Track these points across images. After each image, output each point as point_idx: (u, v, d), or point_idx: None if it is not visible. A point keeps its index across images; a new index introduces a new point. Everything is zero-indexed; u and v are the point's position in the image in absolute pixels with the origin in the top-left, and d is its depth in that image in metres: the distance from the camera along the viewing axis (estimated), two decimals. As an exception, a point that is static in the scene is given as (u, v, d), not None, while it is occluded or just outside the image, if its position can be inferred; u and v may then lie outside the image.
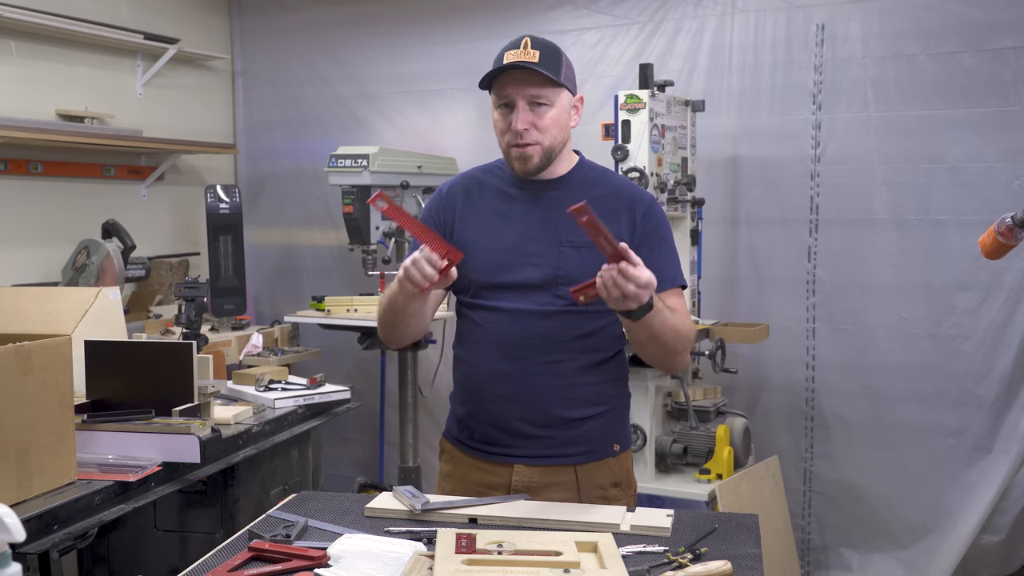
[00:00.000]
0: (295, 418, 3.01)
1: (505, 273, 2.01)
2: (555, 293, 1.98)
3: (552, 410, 2.01)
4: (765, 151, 3.92)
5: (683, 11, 4.04)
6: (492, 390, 2.03)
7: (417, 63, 4.54)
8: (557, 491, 2.01)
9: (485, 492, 2.04)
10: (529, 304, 1.99)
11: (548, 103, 1.95)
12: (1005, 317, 3.59)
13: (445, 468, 2.17)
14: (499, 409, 2.03)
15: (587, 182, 2.05)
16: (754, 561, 1.63)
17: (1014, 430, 3.60)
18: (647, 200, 2.06)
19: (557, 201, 1.99)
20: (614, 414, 2.09)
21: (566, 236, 1.98)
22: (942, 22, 3.62)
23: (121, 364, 2.47)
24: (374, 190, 4.08)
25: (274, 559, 1.62)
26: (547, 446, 2.02)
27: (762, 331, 3.65)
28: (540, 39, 1.95)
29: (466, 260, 1.94)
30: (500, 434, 2.04)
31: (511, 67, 1.92)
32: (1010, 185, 3.55)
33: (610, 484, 2.06)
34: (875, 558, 3.84)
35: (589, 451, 2.04)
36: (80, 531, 2.10)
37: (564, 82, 1.96)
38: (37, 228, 3.83)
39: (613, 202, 2.02)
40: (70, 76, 3.97)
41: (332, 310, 4.06)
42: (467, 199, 2.09)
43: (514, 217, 2.04)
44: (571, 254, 1.98)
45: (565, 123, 2.00)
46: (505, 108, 1.97)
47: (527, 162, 1.98)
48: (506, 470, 2.04)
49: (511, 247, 2.01)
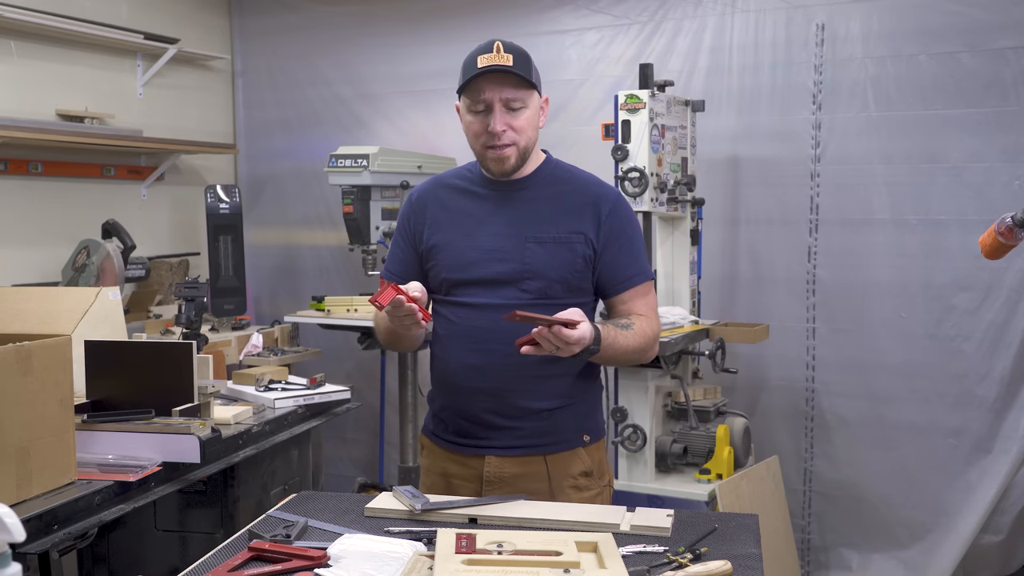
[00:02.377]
0: (295, 418, 3.01)
1: (473, 269, 2.07)
2: (521, 288, 2.04)
3: (520, 401, 2.06)
4: (765, 151, 3.92)
5: (683, 11, 4.04)
6: (463, 383, 2.09)
7: (417, 63, 4.54)
8: (528, 481, 2.07)
9: (461, 484, 2.11)
10: (497, 299, 2.04)
11: (523, 105, 2.01)
12: (1005, 317, 3.60)
13: (425, 463, 2.25)
14: (470, 402, 2.09)
15: (553, 179, 2.12)
16: (754, 561, 1.63)
17: (1014, 430, 3.60)
18: (612, 197, 2.12)
19: (524, 200, 2.08)
20: (583, 405, 2.15)
21: (532, 232, 2.05)
22: (942, 22, 3.62)
23: (121, 364, 2.47)
24: (374, 190, 4.08)
25: (274, 559, 1.62)
26: (517, 437, 2.07)
27: (762, 331, 3.65)
28: (509, 43, 2.01)
29: (437, 259, 2.08)
30: (471, 426, 2.10)
31: (489, 70, 1.96)
32: (1010, 185, 3.55)
33: (580, 473, 2.11)
34: (875, 558, 3.84)
35: (558, 441, 2.10)
36: (80, 531, 2.10)
37: (535, 84, 2.03)
38: (37, 228, 3.83)
39: (579, 198, 2.09)
40: (70, 76, 3.97)
41: (332, 310, 4.06)
42: (436, 202, 2.15)
43: (483, 216, 2.10)
44: (536, 249, 2.04)
45: (536, 124, 2.07)
46: (479, 112, 2.02)
47: (504, 163, 2.04)
48: (478, 462, 2.10)
49: (479, 245, 2.07)
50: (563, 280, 2.05)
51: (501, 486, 2.07)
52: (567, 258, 2.04)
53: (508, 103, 2.00)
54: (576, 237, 2.05)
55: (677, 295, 3.67)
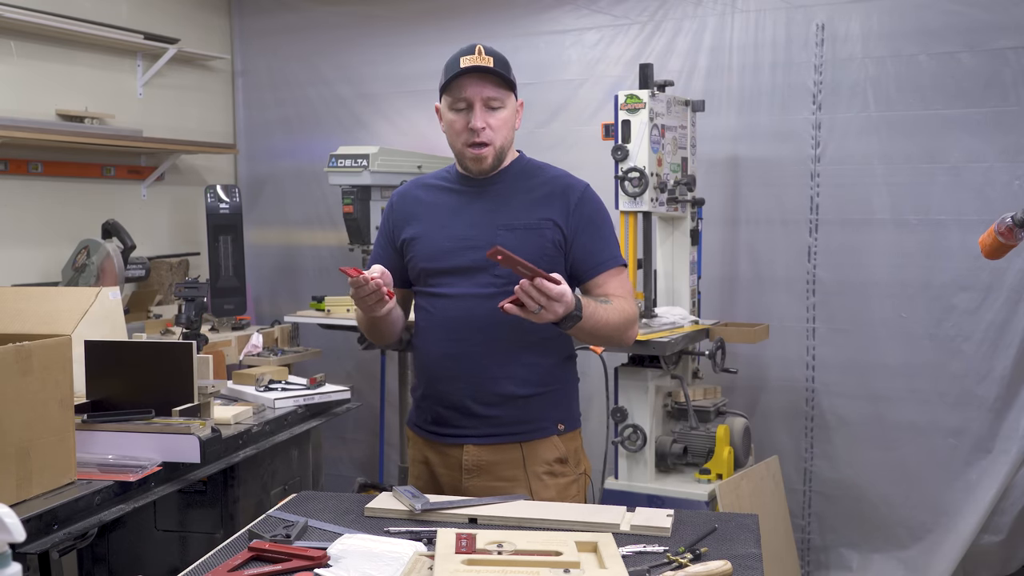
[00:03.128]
0: (295, 418, 3.01)
1: (447, 258, 2.16)
2: (493, 273, 2.11)
3: (497, 388, 2.13)
4: (765, 151, 3.92)
5: (683, 11, 4.05)
6: (441, 372, 2.17)
7: (417, 63, 4.54)
8: (504, 468, 2.15)
9: (442, 473, 2.20)
10: (471, 287, 2.13)
11: (501, 105, 2.13)
12: (1005, 317, 3.60)
13: (410, 454, 2.32)
14: (448, 390, 2.17)
15: (524, 174, 2.22)
16: (754, 561, 1.63)
17: (1014, 430, 3.60)
18: (580, 187, 2.21)
19: (496, 193, 2.19)
20: (559, 394, 2.22)
21: (502, 220, 2.15)
22: (942, 22, 3.62)
23: (121, 364, 2.47)
24: (374, 190, 4.08)
25: (274, 559, 1.62)
26: (494, 425, 2.15)
27: (762, 331, 3.65)
28: (490, 47, 2.13)
29: (414, 250, 2.19)
30: (450, 414, 2.18)
31: (471, 70, 2.07)
32: (1010, 185, 3.56)
33: (554, 460, 2.18)
34: (875, 558, 3.84)
35: (533, 429, 2.17)
36: (80, 531, 2.10)
37: (513, 86, 2.15)
38: (37, 228, 3.83)
39: (548, 189, 2.19)
40: (70, 76, 3.97)
41: (332, 310, 4.06)
42: (414, 200, 2.27)
43: (457, 208, 2.21)
44: (507, 236, 2.12)
45: (512, 124, 2.18)
46: (460, 110, 2.12)
47: (482, 162, 2.15)
48: (457, 450, 2.18)
49: (453, 234, 2.17)
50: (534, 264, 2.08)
51: (480, 474, 2.15)
52: (537, 243, 2.13)
53: (488, 102, 2.11)
54: (545, 223, 2.14)
55: (677, 295, 3.67)
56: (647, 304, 3.46)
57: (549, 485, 2.16)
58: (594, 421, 3.74)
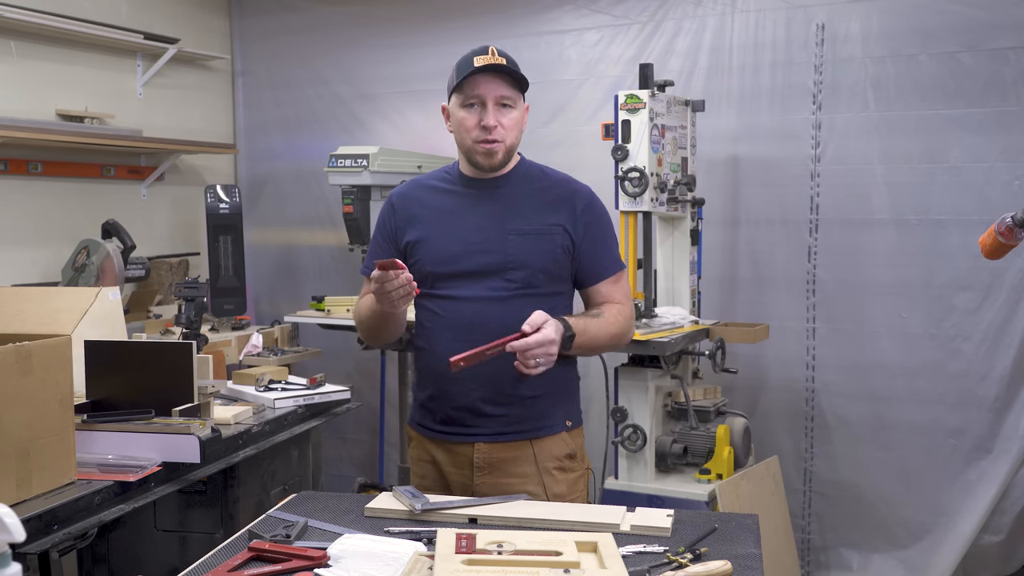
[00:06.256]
0: (295, 418, 3.01)
1: (457, 262, 2.16)
2: (506, 278, 2.14)
3: (507, 389, 2.14)
4: (765, 151, 3.92)
5: (683, 11, 4.05)
6: (455, 373, 2.14)
7: (417, 63, 4.54)
8: (516, 464, 2.17)
9: (451, 472, 2.20)
10: (482, 291, 2.14)
11: (512, 105, 2.14)
12: (1005, 317, 3.60)
13: (413, 453, 2.32)
14: (459, 391, 2.16)
15: (528, 177, 2.24)
16: (754, 561, 1.63)
17: (1014, 430, 3.60)
18: (586, 194, 2.25)
19: (502, 196, 2.20)
20: (564, 393, 2.26)
21: (512, 225, 2.16)
22: (942, 22, 3.62)
23: (121, 364, 2.47)
24: (374, 190, 4.08)
25: (274, 559, 1.62)
26: (504, 423, 2.16)
27: (762, 331, 3.65)
28: (501, 49, 2.13)
29: (420, 254, 2.18)
30: (461, 414, 2.18)
31: (486, 68, 2.08)
32: (1010, 185, 3.56)
33: (565, 456, 2.22)
34: (875, 558, 3.84)
35: (543, 426, 2.20)
36: (80, 531, 2.10)
37: (524, 88, 2.15)
38: (37, 228, 3.83)
39: (555, 194, 2.21)
40: (70, 76, 3.97)
41: (332, 310, 4.06)
42: (415, 201, 2.26)
43: (462, 211, 2.20)
44: (518, 241, 2.14)
45: (521, 126, 2.19)
46: (473, 108, 2.12)
47: (493, 157, 2.15)
48: (468, 448, 2.18)
49: (462, 239, 2.17)
50: (545, 270, 2.16)
51: (491, 471, 2.16)
52: (548, 248, 2.15)
53: (500, 100, 2.11)
54: (555, 229, 2.17)
55: (677, 295, 3.67)
56: (647, 304, 3.46)
57: (560, 480, 2.18)
58: (594, 421, 3.73)
